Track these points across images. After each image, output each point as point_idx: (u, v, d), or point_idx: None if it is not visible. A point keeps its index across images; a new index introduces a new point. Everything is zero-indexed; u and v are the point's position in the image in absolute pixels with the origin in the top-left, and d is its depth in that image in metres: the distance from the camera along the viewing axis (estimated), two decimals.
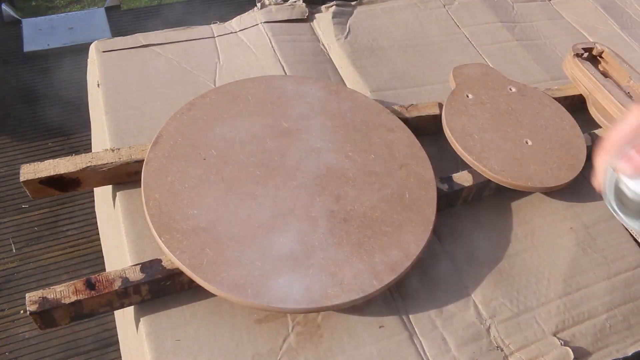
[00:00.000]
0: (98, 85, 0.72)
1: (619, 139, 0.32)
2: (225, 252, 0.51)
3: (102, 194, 0.72)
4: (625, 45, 0.90)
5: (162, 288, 0.51)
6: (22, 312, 1.23)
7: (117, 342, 0.96)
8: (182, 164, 0.57)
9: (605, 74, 0.73)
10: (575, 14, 0.96)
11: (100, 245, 0.94)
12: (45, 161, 0.58)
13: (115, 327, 1.01)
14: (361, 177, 0.59)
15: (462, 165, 0.63)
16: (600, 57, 0.77)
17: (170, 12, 2.11)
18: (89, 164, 0.58)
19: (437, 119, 0.67)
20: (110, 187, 0.62)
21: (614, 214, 0.34)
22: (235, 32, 0.82)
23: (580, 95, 0.74)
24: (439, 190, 0.59)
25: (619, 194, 0.34)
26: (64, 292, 0.48)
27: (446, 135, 0.65)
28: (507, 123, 0.66)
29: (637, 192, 0.32)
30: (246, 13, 0.85)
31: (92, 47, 0.77)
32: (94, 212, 1.08)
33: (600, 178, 0.34)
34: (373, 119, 0.65)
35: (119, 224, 0.58)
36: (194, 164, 0.57)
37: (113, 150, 0.59)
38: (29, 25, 1.96)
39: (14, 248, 1.34)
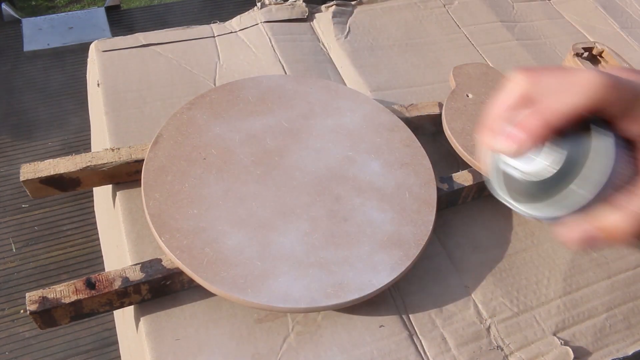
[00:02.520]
0: (98, 84, 0.72)
1: (499, 114, 0.27)
2: (225, 252, 0.51)
3: (102, 194, 0.72)
4: (625, 45, 0.90)
5: (162, 287, 0.51)
6: (22, 311, 1.23)
7: (117, 341, 0.96)
8: (182, 163, 0.57)
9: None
10: (575, 13, 0.96)
11: (100, 245, 0.94)
12: (45, 161, 0.58)
13: (115, 327, 1.01)
14: (361, 177, 0.59)
15: (462, 165, 0.63)
16: (600, 56, 0.77)
17: (170, 11, 2.11)
18: (89, 164, 0.58)
19: (437, 118, 0.67)
20: (110, 186, 0.62)
21: (503, 201, 0.29)
22: (235, 32, 0.82)
23: None
24: (439, 190, 0.59)
25: (505, 177, 0.29)
26: (64, 291, 0.48)
27: (446, 135, 0.65)
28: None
29: (522, 171, 0.27)
30: (246, 13, 0.85)
31: (92, 47, 0.77)
32: (94, 212, 1.08)
33: (485, 161, 0.29)
34: (373, 119, 0.65)
35: (119, 224, 0.58)
36: (194, 163, 0.57)
37: (113, 150, 0.59)
38: (29, 24, 1.96)
39: (14, 248, 1.34)
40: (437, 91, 0.76)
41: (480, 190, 0.64)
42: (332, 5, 0.87)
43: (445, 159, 0.66)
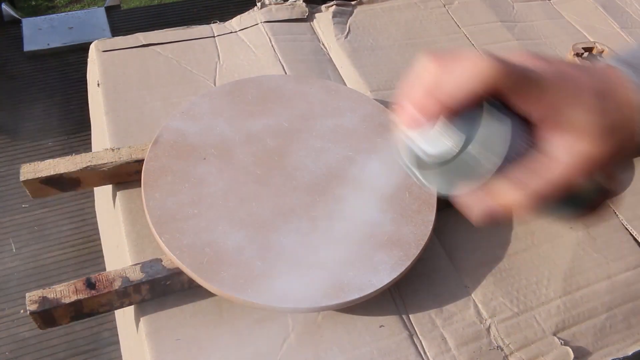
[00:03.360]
0: (98, 84, 0.72)
1: (407, 96, 0.28)
2: (225, 252, 0.51)
3: (102, 194, 0.72)
4: (625, 45, 0.90)
5: (162, 288, 0.51)
6: (22, 311, 1.23)
7: (118, 341, 0.96)
8: (182, 163, 0.57)
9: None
10: (575, 13, 0.96)
11: (100, 245, 0.94)
12: (45, 161, 0.58)
13: (116, 327, 1.01)
14: (361, 177, 0.59)
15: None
16: (600, 56, 0.77)
17: (170, 11, 2.11)
18: (89, 164, 0.58)
19: None
20: (110, 186, 0.62)
21: (414, 178, 0.31)
22: (235, 32, 0.82)
23: None
24: None
25: (415, 157, 0.30)
26: (64, 291, 0.48)
27: None
28: None
29: (428, 154, 0.29)
30: (246, 13, 0.85)
31: (92, 47, 0.77)
32: (94, 212, 1.08)
33: (398, 140, 0.30)
34: (373, 119, 0.65)
35: (119, 224, 0.58)
36: (194, 163, 0.57)
37: (113, 150, 0.59)
38: (29, 24, 1.96)
39: (14, 248, 1.34)
40: None
41: None
42: (332, 5, 0.87)
43: None
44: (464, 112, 0.27)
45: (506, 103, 0.28)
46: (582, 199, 0.32)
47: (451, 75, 0.27)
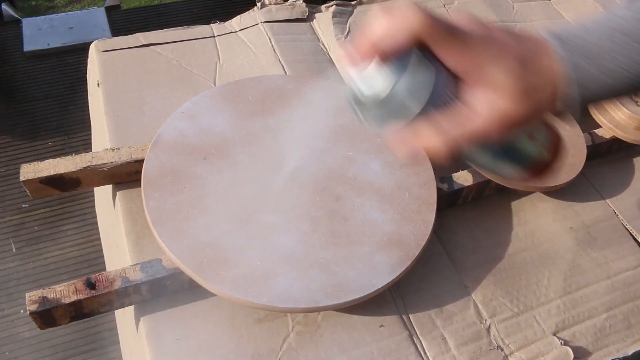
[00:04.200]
0: (98, 84, 0.72)
1: (357, 44, 0.31)
2: (225, 252, 0.51)
3: (102, 194, 0.72)
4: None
5: (162, 288, 0.51)
6: (22, 311, 1.23)
7: (118, 341, 0.96)
8: (182, 163, 0.57)
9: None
10: (575, 13, 0.96)
11: (100, 245, 0.94)
12: (45, 161, 0.58)
13: (116, 327, 1.01)
14: (361, 177, 0.59)
15: (462, 165, 0.63)
16: None
17: (170, 11, 2.11)
18: (89, 164, 0.58)
19: None
20: (110, 186, 0.62)
21: (353, 113, 0.34)
22: (235, 32, 0.82)
23: None
24: (439, 190, 0.59)
25: (356, 96, 0.33)
26: (64, 291, 0.48)
27: None
28: None
29: (365, 94, 0.32)
30: (246, 13, 0.85)
31: (92, 47, 0.77)
32: (94, 211, 1.08)
33: (346, 81, 0.33)
34: None
35: (119, 224, 0.58)
36: (194, 163, 0.57)
37: (113, 150, 0.59)
38: (28, 24, 1.96)
39: (14, 248, 1.34)
40: None
41: (480, 191, 0.64)
42: (332, 5, 0.87)
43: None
44: (396, 59, 0.31)
45: (436, 56, 0.31)
46: (516, 156, 0.36)
47: (386, 23, 0.30)
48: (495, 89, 0.31)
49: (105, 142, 0.66)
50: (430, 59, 0.31)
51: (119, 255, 0.60)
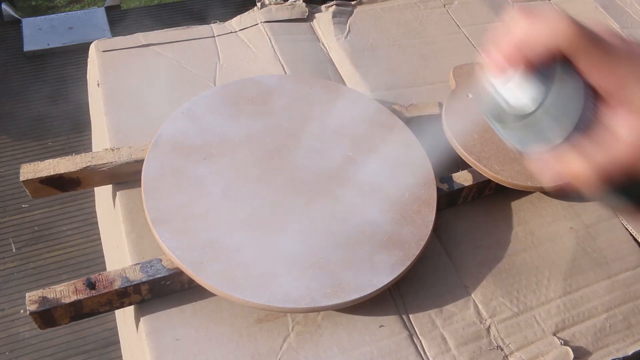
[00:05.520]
0: (98, 85, 0.72)
1: (495, 45, 0.29)
2: (225, 252, 0.51)
3: (103, 194, 0.72)
4: None
5: (162, 287, 0.51)
6: (22, 311, 1.23)
7: (118, 341, 0.96)
8: (182, 163, 0.57)
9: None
10: (575, 13, 0.96)
11: (100, 245, 0.94)
12: (45, 161, 0.58)
13: (116, 327, 1.01)
14: (361, 177, 0.59)
15: (462, 165, 0.63)
16: None
17: (170, 11, 2.12)
18: (88, 164, 0.58)
19: (437, 118, 0.67)
20: (110, 186, 0.62)
21: (490, 123, 0.31)
22: (235, 32, 0.82)
23: None
24: (439, 190, 0.59)
25: (494, 105, 0.30)
26: (64, 291, 0.48)
27: (446, 135, 0.65)
28: None
29: (509, 103, 0.29)
30: (246, 13, 0.85)
31: (92, 47, 0.77)
32: (94, 211, 1.08)
33: (482, 86, 0.31)
34: (373, 119, 0.65)
35: (119, 224, 0.58)
36: (194, 163, 0.57)
37: (113, 150, 0.59)
38: (29, 24, 1.96)
39: (14, 248, 1.34)
40: (437, 91, 0.76)
41: (480, 190, 0.64)
42: (332, 5, 0.87)
43: (445, 159, 0.66)
44: (541, 70, 0.28)
45: (578, 70, 0.28)
46: None
47: (532, 28, 0.28)
48: None
49: (105, 142, 0.66)
50: (572, 72, 0.28)
51: (119, 255, 0.60)
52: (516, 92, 0.29)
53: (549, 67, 0.28)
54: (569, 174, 0.29)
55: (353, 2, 0.89)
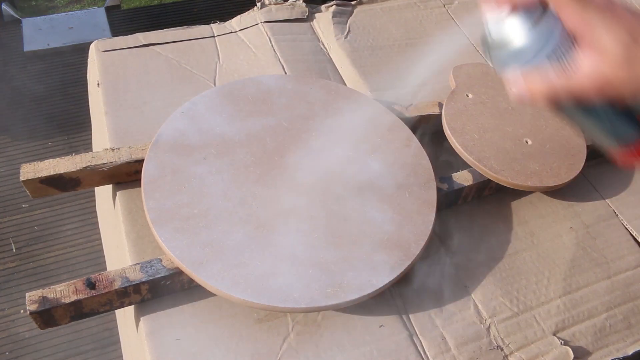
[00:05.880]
0: (98, 84, 0.72)
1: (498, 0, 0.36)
2: (225, 252, 0.51)
3: (103, 194, 0.72)
4: None
5: (162, 287, 0.51)
6: (22, 311, 1.23)
7: (118, 341, 0.96)
8: (182, 163, 0.57)
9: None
10: None
11: (100, 245, 0.94)
12: (45, 161, 0.58)
13: (116, 326, 1.01)
14: (361, 177, 0.59)
15: (462, 165, 0.63)
16: None
17: (170, 11, 2.11)
18: (88, 164, 0.58)
19: (437, 118, 0.67)
20: (110, 186, 0.62)
21: (485, 51, 0.39)
22: (235, 32, 0.82)
23: None
24: (438, 190, 0.59)
25: (487, 38, 0.38)
26: (64, 291, 0.48)
27: (446, 135, 0.65)
28: (507, 123, 0.66)
29: (498, 36, 0.37)
30: (246, 13, 0.85)
31: (92, 47, 0.77)
32: (94, 211, 1.08)
33: (484, 21, 0.38)
34: (373, 119, 0.65)
35: (119, 224, 0.58)
36: (194, 163, 0.57)
37: (113, 150, 0.59)
38: (29, 24, 1.96)
39: (14, 248, 1.34)
40: (437, 91, 0.76)
41: (480, 190, 0.64)
42: (332, 5, 0.87)
43: (445, 159, 0.66)
44: (525, 11, 0.35)
45: (558, 15, 0.35)
46: (608, 124, 0.39)
47: None
48: (601, 53, 0.34)
49: (105, 142, 0.66)
50: (553, 16, 0.35)
51: (119, 255, 0.60)
52: (502, 26, 0.36)
53: (531, 9, 0.35)
54: (530, 90, 0.37)
55: (353, 2, 0.89)
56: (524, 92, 0.37)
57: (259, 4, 0.86)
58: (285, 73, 0.76)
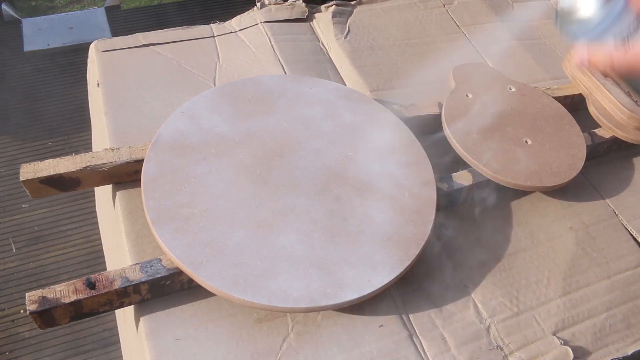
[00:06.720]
0: (98, 84, 0.72)
1: None
2: (225, 252, 0.51)
3: (103, 194, 0.72)
4: None
5: (162, 287, 0.51)
6: (22, 311, 1.23)
7: (118, 341, 0.96)
8: (182, 163, 0.57)
9: (604, 74, 0.73)
10: None
11: (100, 245, 0.94)
12: (45, 161, 0.58)
13: (116, 326, 1.01)
14: (361, 177, 0.59)
15: (462, 165, 0.63)
16: None
17: (170, 11, 2.12)
18: (88, 164, 0.58)
19: (437, 118, 0.67)
20: (110, 186, 0.62)
21: (556, 23, 0.46)
22: (235, 32, 0.82)
23: (580, 94, 0.74)
24: (438, 190, 0.59)
25: (561, 13, 0.45)
26: (64, 291, 0.48)
27: (446, 135, 0.65)
28: (507, 123, 0.66)
29: (570, 9, 0.44)
30: (246, 13, 0.85)
31: (92, 47, 0.77)
32: (94, 211, 1.08)
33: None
34: (373, 119, 0.65)
35: (119, 224, 0.58)
36: (194, 163, 0.57)
37: (113, 150, 0.59)
38: (29, 24, 1.96)
39: (14, 248, 1.34)
40: (437, 91, 0.76)
41: (481, 190, 0.64)
42: (332, 5, 0.87)
43: (445, 159, 0.66)
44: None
45: (631, 2, 0.42)
46: None
47: None
48: None
49: (105, 142, 0.66)
50: (626, 4, 0.42)
51: (119, 255, 0.60)
52: (582, 4, 0.43)
53: None
54: (591, 59, 0.45)
55: (353, 2, 0.89)
56: (586, 61, 0.45)
57: (258, 4, 0.86)
58: (285, 73, 0.76)
